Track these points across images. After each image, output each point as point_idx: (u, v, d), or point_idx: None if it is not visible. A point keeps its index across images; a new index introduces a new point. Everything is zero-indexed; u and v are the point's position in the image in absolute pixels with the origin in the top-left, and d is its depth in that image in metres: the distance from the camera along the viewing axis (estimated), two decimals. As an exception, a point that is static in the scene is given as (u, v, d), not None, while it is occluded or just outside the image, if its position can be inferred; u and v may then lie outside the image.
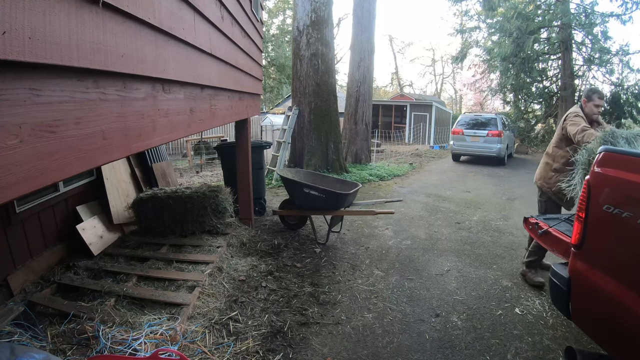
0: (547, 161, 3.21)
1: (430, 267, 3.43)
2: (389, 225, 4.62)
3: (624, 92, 13.86)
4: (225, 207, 3.73)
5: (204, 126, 2.19)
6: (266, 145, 5.01)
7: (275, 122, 11.49)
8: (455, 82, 31.15)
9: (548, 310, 2.68)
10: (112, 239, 3.55)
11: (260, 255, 3.54)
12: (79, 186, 3.56)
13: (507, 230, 4.55)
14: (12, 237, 2.72)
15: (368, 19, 9.40)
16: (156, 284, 2.75)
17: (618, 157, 1.61)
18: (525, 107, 17.33)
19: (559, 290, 1.83)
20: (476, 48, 17.54)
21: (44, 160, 0.84)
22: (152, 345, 1.98)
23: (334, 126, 7.86)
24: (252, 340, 2.24)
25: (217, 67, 2.38)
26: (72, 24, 0.89)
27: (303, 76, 7.66)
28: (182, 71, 1.70)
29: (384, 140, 16.29)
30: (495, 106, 21.55)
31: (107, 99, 1.10)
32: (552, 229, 2.32)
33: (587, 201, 1.66)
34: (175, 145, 11.76)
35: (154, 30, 1.37)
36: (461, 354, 2.20)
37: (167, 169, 4.99)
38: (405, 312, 2.65)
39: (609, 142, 2.84)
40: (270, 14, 26.32)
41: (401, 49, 42.43)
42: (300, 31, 7.62)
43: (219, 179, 7.39)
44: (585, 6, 13.34)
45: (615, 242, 1.57)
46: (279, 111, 17.54)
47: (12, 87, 0.74)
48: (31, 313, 2.29)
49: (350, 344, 2.28)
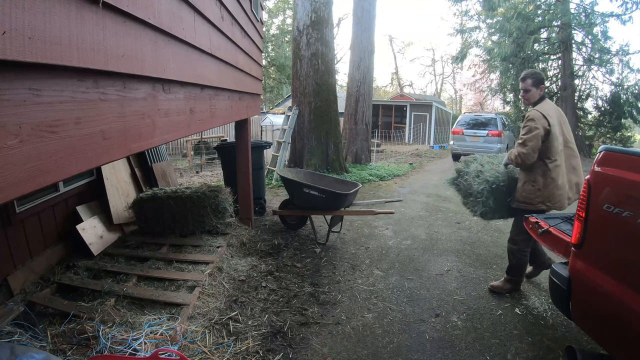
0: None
1: (430, 267, 3.43)
2: (389, 225, 4.62)
3: (624, 92, 13.87)
4: (225, 207, 3.73)
5: (204, 126, 2.19)
6: (266, 145, 5.01)
7: (275, 122, 11.49)
8: (455, 82, 31.17)
9: (548, 310, 2.68)
10: (112, 239, 3.55)
11: (260, 255, 3.54)
12: (79, 186, 3.56)
13: (507, 230, 4.53)
14: (12, 237, 2.72)
15: (368, 19, 9.40)
16: (156, 284, 2.75)
17: (618, 156, 1.61)
18: (525, 107, 17.31)
19: (559, 289, 1.83)
20: (476, 48, 17.57)
21: (44, 160, 0.84)
22: (152, 345, 1.98)
23: (334, 126, 7.86)
24: (252, 340, 2.24)
25: (217, 67, 2.38)
26: (72, 24, 0.89)
27: (303, 76, 7.66)
28: (182, 71, 1.70)
29: (384, 140, 16.29)
30: (495, 106, 21.57)
31: (107, 99, 1.10)
32: (552, 228, 2.32)
33: (588, 200, 1.66)
34: (175, 145, 11.76)
35: (154, 30, 1.37)
36: (461, 354, 2.20)
37: (167, 169, 4.99)
38: (405, 312, 2.65)
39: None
40: (270, 14, 26.32)
41: (401, 49, 42.41)
42: (300, 31, 7.62)
43: (219, 179, 7.39)
44: (585, 6, 13.35)
45: (616, 241, 1.57)
46: (279, 111, 17.53)
47: (12, 87, 0.74)
48: (31, 313, 2.29)
49: (350, 344, 2.28)
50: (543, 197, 2.65)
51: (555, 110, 2.77)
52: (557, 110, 2.79)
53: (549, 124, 2.60)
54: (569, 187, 2.74)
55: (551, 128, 2.61)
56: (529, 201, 2.69)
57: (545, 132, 2.60)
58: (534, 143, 2.58)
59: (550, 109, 2.70)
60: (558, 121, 2.72)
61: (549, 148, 2.63)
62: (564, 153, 2.74)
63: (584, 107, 15.69)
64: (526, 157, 2.62)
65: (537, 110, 2.65)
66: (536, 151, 2.60)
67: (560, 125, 2.74)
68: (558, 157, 2.65)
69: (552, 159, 2.64)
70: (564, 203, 2.69)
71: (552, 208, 2.71)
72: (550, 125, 2.61)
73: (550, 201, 2.65)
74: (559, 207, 2.69)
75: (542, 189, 2.65)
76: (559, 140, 2.66)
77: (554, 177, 2.64)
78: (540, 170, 2.66)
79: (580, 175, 2.80)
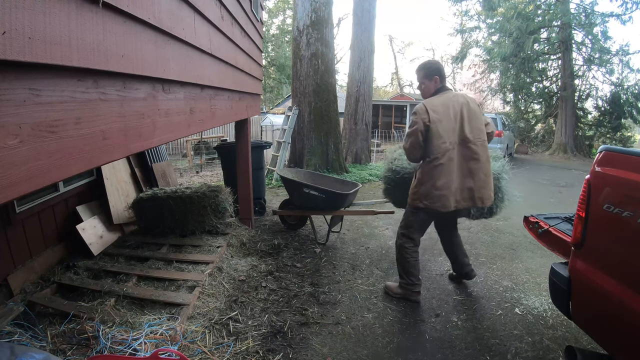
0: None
1: (430, 267, 3.43)
2: (389, 225, 4.62)
3: (624, 92, 13.87)
4: (225, 207, 3.73)
5: (204, 126, 2.19)
6: (266, 145, 5.01)
7: (275, 122, 11.49)
8: (455, 82, 31.14)
9: (548, 310, 2.68)
10: (112, 239, 3.55)
11: (260, 255, 3.54)
12: (79, 186, 3.57)
13: (507, 230, 4.55)
14: (12, 237, 2.72)
15: (368, 19, 9.39)
16: (156, 284, 2.76)
17: (618, 156, 1.61)
18: (525, 107, 17.34)
19: (559, 289, 1.83)
20: (476, 48, 17.57)
21: (44, 160, 0.84)
22: (152, 345, 1.98)
23: (334, 126, 7.86)
24: (252, 340, 2.24)
25: (217, 67, 2.38)
26: (72, 24, 0.89)
27: (303, 76, 7.66)
28: (182, 71, 1.70)
29: (384, 140, 16.27)
30: (495, 106, 21.55)
31: (107, 99, 1.10)
32: (552, 228, 2.32)
33: (587, 200, 1.66)
34: (175, 145, 11.76)
35: (154, 31, 1.37)
36: (461, 354, 2.20)
37: (167, 169, 4.99)
38: (405, 312, 2.65)
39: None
40: (270, 14, 26.32)
41: (401, 49, 42.30)
42: (300, 31, 7.62)
43: (219, 179, 7.39)
44: (585, 6, 13.35)
45: (616, 241, 1.57)
46: (279, 111, 17.53)
47: (12, 87, 0.74)
48: (31, 313, 2.29)
49: (350, 344, 2.28)
50: (420, 195, 2.53)
51: (453, 104, 2.47)
52: (457, 105, 2.48)
53: (429, 119, 2.39)
54: (459, 190, 2.50)
55: (431, 124, 2.39)
56: (410, 196, 2.62)
57: (425, 128, 2.41)
58: (413, 139, 2.44)
59: (442, 103, 2.45)
60: (454, 117, 2.45)
61: (428, 146, 2.45)
62: (461, 154, 2.48)
63: (584, 107, 15.71)
64: (407, 152, 2.53)
65: (423, 103, 2.46)
66: (417, 147, 2.46)
67: (457, 121, 2.46)
68: (440, 156, 2.42)
69: (432, 157, 2.44)
70: (445, 204, 2.47)
71: (430, 207, 2.51)
72: (431, 121, 2.39)
73: (427, 200, 2.49)
74: (439, 207, 2.49)
75: (418, 186, 2.54)
76: (443, 139, 2.41)
77: (434, 176, 2.45)
78: (421, 167, 2.54)
79: (478, 181, 2.50)
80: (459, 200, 2.52)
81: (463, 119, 2.48)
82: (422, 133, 2.43)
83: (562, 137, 14.44)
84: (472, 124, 2.50)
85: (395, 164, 3.01)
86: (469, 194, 2.52)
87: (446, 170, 2.44)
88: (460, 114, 2.48)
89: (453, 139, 2.45)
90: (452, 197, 2.48)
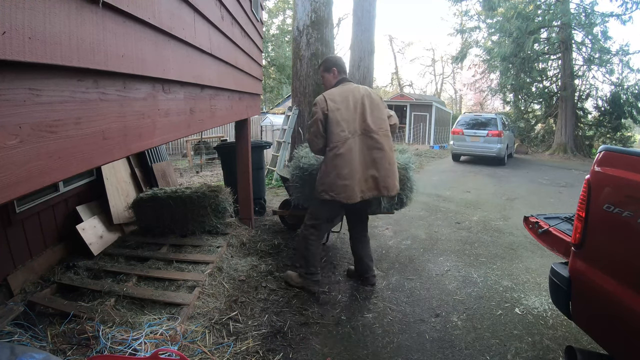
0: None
1: (430, 267, 3.43)
2: (389, 225, 4.62)
3: (624, 92, 13.88)
4: (225, 207, 3.73)
5: (204, 126, 2.19)
6: (266, 145, 5.01)
7: (275, 122, 11.49)
8: (455, 82, 31.16)
9: (548, 310, 2.68)
10: (112, 239, 3.55)
11: (260, 255, 3.54)
12: (79, 186, 3.57)
13: (507, 230, 4.55)
14: (12, 237, 2.72)
15: (368, 19, 9.39)
16: (156, 284, 2.75)
17: (618, 156, 1.61)
18: (525, 107, 17.35)
19: (559, 289, 1.83)
20: (476, 48, 17.59)
21: (44, 160, 0.84)
22: (152, 345, 1.98)
23: (334, 126, 7.85)
24: (252, 340, 2.24)
25: (217, 67, 2.38)
26: (72, 24, 0.89)
27: (303, 76, 7.66)
28: (182, 71, 1.70)
29: (384, 140, 16.28)
30: (495, 106, 21.57)
31: (107, 99, 1.10)
32: (552, 228, 2.32)
33: (587, 200, 1.66)
34: (175, 145, 11.76)
35: (154, 31, 1.37)
36: (461, 354, 2.20)
37: (167, 169, 4.99)
38: (405, 312, 2.65)
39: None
40: (270, 14, 26.31)
41: (401, 49, 42.42)
42: (300, 31, 7.62)
43: (219, 179, 7.39)
44: (585, 6, 13.35)
45: (616, 241, 1.57)
46: (279, 111, 17.53)
47: (12, 87, 0.74)
48: (31, 313, 2.29)
49: (350, 344, 2.28)
50: (325, 186, 2.50)
51: (353, 94, 2.54)
52: (358, 95, 2.55)
53: (327, 107, 2.44)
54: (363, 180, 2.51)
55: (329, 112, 2.44)
56: (316, 188, 2.60)
57: (324, 117, 2.45)
58: (314, 128, 2.48)
59: (341, 93, 2.52)
60: (354, 106, 2.51)
61: (328, 134, 2.47)
62: (364, 143, 2.51)
63: (584, 107, 15.72)
64: (310, 144, 2.56)
65: (322, 94, 2.53)
66: (318, 136, 2.49)
67: (357, 111, 2.51)
68: (340, 144, 2.44)
69: (331, 146, 2.46)
70: (351, 195, 2.47)
71: (336, 199, 2.49)
72: (329, 110, 2.44)
73: (333, 191, 2.47)
74: (345, 199, 2.47)
75: (323, 178, 2.51)
76: (342, 127, 2.45)
77: (337, 166, 2.45)
78: (325, 158, 2.53)
79: (382, 170, 2.53)
80: (364, 190, 2.54)
81: (365, 109, 2.53)
82: (321, 122, 2.48)
83: (562, 137, 14.44)
84: (374, 114, 2.55)
85: (302, 162, 3.01)
86: (373, 183, 2.55)
87: (347, 159, 2.46)
88: (362, 104, 2.54)
89: (353, 128, 2.50)
90: (357, 187, 2.49)
